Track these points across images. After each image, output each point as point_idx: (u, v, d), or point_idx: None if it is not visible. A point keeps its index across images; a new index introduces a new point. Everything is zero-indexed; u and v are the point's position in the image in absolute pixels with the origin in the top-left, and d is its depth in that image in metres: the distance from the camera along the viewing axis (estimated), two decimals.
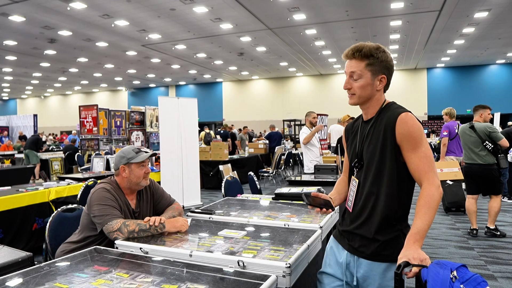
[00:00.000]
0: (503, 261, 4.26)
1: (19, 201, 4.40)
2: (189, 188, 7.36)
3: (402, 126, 1.63)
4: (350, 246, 1.78)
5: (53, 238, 2.64)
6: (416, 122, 1.64)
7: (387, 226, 1.67)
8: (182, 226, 2.27)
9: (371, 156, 1.72)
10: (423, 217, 1.54)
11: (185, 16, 12.75)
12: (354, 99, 1.76)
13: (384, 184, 1.68)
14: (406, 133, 1.62)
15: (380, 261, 1.67)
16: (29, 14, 12.00)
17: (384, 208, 1.67)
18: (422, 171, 1.61)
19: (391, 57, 1.76)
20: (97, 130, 10.77)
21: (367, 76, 1.71)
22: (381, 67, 1.71)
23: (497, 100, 22.24)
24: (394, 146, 1.66)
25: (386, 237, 1.66)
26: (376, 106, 1.77)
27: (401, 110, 1.67)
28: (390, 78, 1.77)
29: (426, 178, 1.60)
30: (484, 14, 12.94)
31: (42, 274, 1.64)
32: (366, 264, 1.71)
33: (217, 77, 26.80)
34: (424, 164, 1.61)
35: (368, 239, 1.70)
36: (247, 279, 1.55)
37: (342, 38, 16.10)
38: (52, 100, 34.41)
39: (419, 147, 1.61)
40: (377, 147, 1.70)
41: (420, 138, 1.62)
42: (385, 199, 1.68)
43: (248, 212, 2.80)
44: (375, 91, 1.74)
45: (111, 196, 2.39)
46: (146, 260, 1.85)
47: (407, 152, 1.63)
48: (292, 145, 14.51)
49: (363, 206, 1.74)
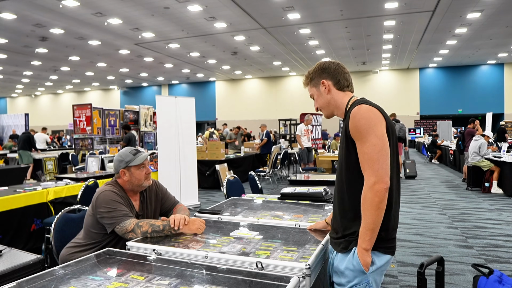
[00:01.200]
0: (503, 259, 4.30)
1: (17, 202, 4.32)
2: (187, 188, 7.32)
3: (351, 120, 1.64)
4: (332, 243, 1.82)
5: (58, 239, 2.59)
6: (364, 115, 1.61)
7: (355, 219, 1.67)
8: (198, 229, 2.24)
9: (340, 155, 1.78)
10: (362, 221, 1.60)
11: (179, 14, 12.68)
12: (323, 112, 1.92)
13: (348, 180, 1.71)
14: (353, 127, 1.63)
15: (346, 252, 1.69)
16: (20, 12, 11.83)
17: (350, 203, 1.70)
18: (363, 169, 1.62)
19: (331, 61, 1.87)
20: (91, 130, 10.66)
21: (314, 90, 1.89)
22: (318, 76, 1.85)
23: (488, 100, 22.54)
24: (352, 142, 1.66)
25: (354, 229, 1.67)
26: (340, 106, 1.83)
27: (355, 106, 1.68)
28: (336, 77, 1.82)
29: (364, 176, 1.60)
30: (476, 15, 13.08)
31: (57, 278, 1.61)
32: (339, 257, 1.73)
33: (210, 76, 26.73)
34: (364, 161, 1.60)
35: (342, 235, 1.73)
36: (269, 281, 1.53)
37: (336, 37, 16.15)
38: (43, 99, 34.01)
39: (364, 143, 1.60)
40: (342, 145, 1.75)
41: (366, 133, 1.59)
42: (350, 194, 1.70)
43: (256, 212, 2.78)
44: (326, 96, 1.84)
45: (119, 197, 2.36)
46: (160, 262, 1.82)
47: (357, 148, 1.64)
48: (287, 144, 14.52)
49: (335, 203, 1.82)
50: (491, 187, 8.43)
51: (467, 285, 3.61)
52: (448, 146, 14.52)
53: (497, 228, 5.57)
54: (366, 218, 1.57)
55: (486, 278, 1.59)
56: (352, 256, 1.64)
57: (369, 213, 1.56)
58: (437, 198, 8.00)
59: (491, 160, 8.52)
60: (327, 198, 3.18)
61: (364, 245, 1.59)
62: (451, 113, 23.32)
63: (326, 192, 3.24)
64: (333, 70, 1.83)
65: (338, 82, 1.82)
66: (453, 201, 7.69)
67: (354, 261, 1.63)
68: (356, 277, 1.64)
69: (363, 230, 1.59)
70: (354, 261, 1.63)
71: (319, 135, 13.11)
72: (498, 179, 8.36)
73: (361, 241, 1.59)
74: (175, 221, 2.18)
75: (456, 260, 4.29)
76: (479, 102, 22.64)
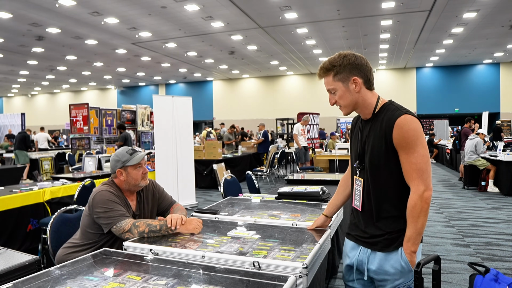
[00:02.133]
0: (499, 258, 4.32)
1: (13, 202, 4.30)
2: (184, 188, 7.31)
3: (398, 130, 1.63)
4: (364, 242, 1.81)
5: (54, 240, 2.59)
6: (412, 126, 1.63)
7: (396, 221, 1.72)
8: (195, 229, 2.23)
9: (373, 158, 1.74)
10: (410, 226, 1.66)
11: (176, 14, 12.65)
12: (344, 110, 1.81)
13: (388, 184, 1.73)
14: (400, 138, 1.64)
15: (392, 250, 1.71)
16: (16, 11, 11.77)
17: (391, 206, 1.73)
18: (410, 178, 1.65)
19: (358, 55, 1.74)
20: (87, 129, 10.63)
21: (339, 85, 1.74)
22: (348, 71, 1.71)
23: (484, 100, 22.61)
24: (393, 148, 1.68)
25: (396, 228, 1.72)
26: (368, 107, 1.77)
27: (398, 113, 1.66)
28: (366, 74, 1.74)
29: (411, 185, 1.65)
30: (472, 15, 13.12)
31: (53, 278, 1.60)
32: (380, 256, 1.74)
33: (208, 76, 26.69)
34: (412, 171, 1.64)
35: (380, 235, 1.74)
36: (266, 281, 1.53)
37: (333, 37, 16.16)
38: (40, 98, 33.86)
39: (411, 153, 1.63)
40: (377, 149, 1.72)
41: (414, 144, 1.62)
42: (391, 197, 1.73)
43: (253, 212, 2.78)
44: (355, 95, 1.73)
45: (115, 197, 2.35)
46: (157, 262, 1.81)
47: (401, 156, 1.67)
48: (285, 143, 14.52)
49: (371, 204, 1.78)
50: (487, 186, 8.47)
51: (464, 283, 3.62)
52: (445, 145, 14.56)
53: (493, 227, 5.60)
54: (417, 224, 1.64)
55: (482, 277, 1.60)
56: (400, 256, 1.69)
57: (419, 219, 1.63)
58: (433, 197, 8.02)
59: (487, 159, 8.55)
60: (324, 197, 3.18)
61: (414, 248, 1.66)
62: (448, 112, 23.39)
63: (323, 192, 3.24)
64: (364, 67, 1.73)
65: (368, 80, 1.75)
66: (449, 200, 7.72)
67: (403, 262, 1.68)
68: (403, 276, 1.70)
69: (413, 234, 1.65)
70: (402, 262, 1.68)
71: (317, 135, 13.12)
72: (494, 178, 8.39)
73: (411, 244, 1.66)
74: (172, 221, 2.18)
75: (452, 259, 4.31)
76: (475, 101, 22.72)
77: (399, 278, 1.70)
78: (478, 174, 8.69)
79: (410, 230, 1.65)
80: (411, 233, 1.65)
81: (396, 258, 1.69)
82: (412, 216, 1.64)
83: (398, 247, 1.70)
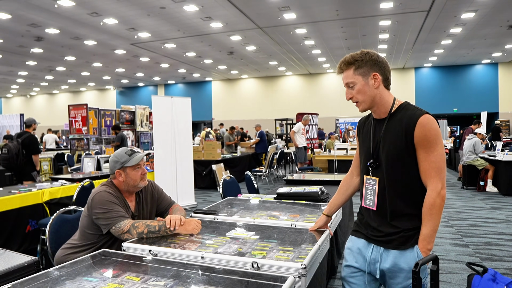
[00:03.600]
0: (498, 258, 4.33)
1: (11, 203, 4.29)
2: (183, 188, 7.31)
3: (420, 128, 1.66)
4: (377, 240, 1.81)
5: (53, 241, 2.59)
6: (433, 125, 1.67)
7: (411, 219, 1.74)
8: (194, 230, 2.23)
9: (391, 156, 1.74)
10: (427, 224, 1.67)
11: (175, 14, 12.64)
12: (361, 106, 1.81)
13: (404, 182, 1.74)
14: (422, 136, 1.66)
15: (408, 248, 1.72)
16: (15, 11, 11.75)
17: (406, 204, 1.74)
18: (428, 176, 1.67)
19: (378, 54, 1.79)
20: (86, 130, 10.62)
21: (359, 79, 1.75)
22: (369, 66, 1.75)
23: (483, 99, 22.64)
24: (413, 146, 1.69)
25: (411, 226, 1.73)
26: (385, 105, 1.79)
27: (420, 112, 1.70)
28: (386, 73, 1.78)
29: (429, 183, 1.67)
30: (471, 15, 13.13)
31: (52, 279, 1.60)
32: (394, 254, 1.74)
33: (207, 76, 26.67)
34: (431, 169, 1.66)
35: (395, 233, 1.75)
36: (265, 281, 1.53)
37: (332, 37, 16.17)
38: (39, 99, 33.80)
39: (431, 152, 1.66)
40: (396, 146, 1.72)
41: (434, 143, 1.66)
42: (407, 195, 1.74)
43: (252, 212, 2.78)
44: (374, 90, 1.76)
45: (114, 198, 2.35)
46: (156, 263, 1.82)
47: (420, 154, 1.69)
48: (284, 144, 14.53)
49: (388, 203, 1.77)
50: (486, 185, 8.48)
51: (462, 283, 3.63)
52: (444, 145, 14.57)
53: (492, 227, 5.61)
54: (434, 221, 1.66)
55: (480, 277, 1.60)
56: (416, 254, 1.70)
57: (437, 216, 1.66)
58: None
59: (486, 158, 8.57)
60: (323, 197, 3.18)
61: (430, 246, 1.68)
62: (447, 112, 23.41)
63: (322, 192, 3.25)
64: (385, 65, 1.78)
65: (387, 79, 1.80)
66: (448, 199, 7.72)
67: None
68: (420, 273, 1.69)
69: (430, 232, 1.67)
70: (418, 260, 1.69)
71: (315, 135, 13.14)
72: (492, 178, 8.41)
73: (427, 243, 1.68)
74: (171, 221, 2.18)
75: (451, 259, 4.31)
76: (474, 101, 22.74)
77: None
78: (477, 174, 8.70)
79: (428, 228, 1.67)
80: (428, 231, 1.67)
81: (412, 256, 1.70)
82: (430, 213, 1.66)
83: (414, 245, 1.71)
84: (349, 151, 9.34)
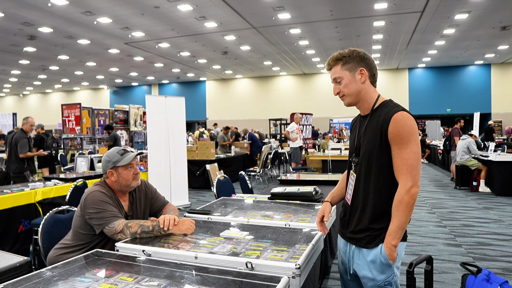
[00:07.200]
0: (491, 257, 4.36)
1: (4, 203, 4.25)
2: (177, 188, 7.29)
3: (394, 125, 1.67)
4: (350, 238, 1.86)
5: (46, 241, 2.56)
6: (407, 122, 1.67)
7: (380, 217, 1.75)
8: (188, 230, 2.23)
9: (367, 152, 1.78)
10: (393, 220, 1.68)
11: (169, 14, 12.61)
12: (346, 100, 1.85)
13: (377, 179, 1.75)
14: (395, 132, 1.67)
15: (373, 247, 1.75)
16: (7, 10, 11.65)
17: (376, 201, 1.75)
18: (399, 172, 1.68)
19: (365, 52, 1.83)
20: (80, 129, 10.55)
21: (346, 74, 1.80)
22: (356, 62, 1.79)
23: (476, 100, 22.82)
24: (387, 143, 1.71)
25: (379, 226, 1.75)
26: (369, 101, 1.83)
27: (396, 109, 1.72)
28: (372, 70, 1.82)
29: (400, 179, 1.68)
30: (464, 16, 13.24)
31: (44, 280, 1.59)
32: (364, 252, 1.78)
33: (201, 76, 26.63)
34: (403, 166, 1.67)
35: (363, 230, 1.78)
36: (259, 281, 1.53)
37: (326, 37, 16.21)
38: (32, 98, 33.54)
39: (404, 148, 1.66)
40: (372, 143, 1.75)
41: (407, 139, 1.66)
42: (377, 192, 1.75)
43: (246, 212, 2.78)
44: (360, 85, 1.80)
45: (107, 198, 2.33)
46: (149, 263, 1.81)
47: (393, 150, 1.70)
48: (278, 144, 14.53)
49: (359, 199, 1.81)
50: (478, 186, 8.54)
51: (456, 283, 3.65)
52: (437, 145, 14.67)
53: (485, 227, 5.65)
54: (400, 218, 1.66)
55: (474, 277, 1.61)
56: (380, 252, 1.71)
57: (403, 213, 1.66)
58: (426, 197, 8.07)
59: (479, 159, 8.63)
60: (317, 197, 3.19)
61: (394, 242, 1.68)
62: (440, 113, 23.57)
63: (316, 192, 3.25)
64: (371, 62, 1.82)
65: (373, 76, 1.83)
66: (441, 200, 7.77)
67: (382, 257, 1.71)
68: (384, 271, 1.72)
69: (396, 228, 1.67)
70: (381, 257, 1.71)
71: (310, 135, 13.15)
72: (485, 178, 8.47)
73: (391, 239, 1.68)
74: (165, 221, 2.17)
75: (444, 259, 4.34)
76: (467, 102, 22.92)
77: (380, 275, 1.72)
78: (470, 174, 8.76)
79: (393, 224, 1.68)
80: (393, 226, 1.68)
81: (375, 253, 1.72)
82: (397, 210, 1.67)
83: (379, 244, 1.72)
84: (343, 151, 9.36)
